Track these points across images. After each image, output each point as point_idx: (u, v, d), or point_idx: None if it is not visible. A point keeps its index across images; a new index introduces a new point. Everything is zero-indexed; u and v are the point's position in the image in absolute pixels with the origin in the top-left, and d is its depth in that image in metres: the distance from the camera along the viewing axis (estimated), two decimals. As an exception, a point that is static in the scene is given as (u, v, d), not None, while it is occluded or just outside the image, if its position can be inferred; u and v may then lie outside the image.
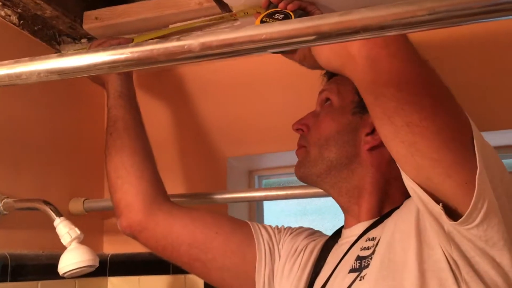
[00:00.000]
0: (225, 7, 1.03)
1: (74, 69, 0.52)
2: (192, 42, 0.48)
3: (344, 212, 0.81)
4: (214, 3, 1.02)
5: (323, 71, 0.86)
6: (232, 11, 1.03)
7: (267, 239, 0.87)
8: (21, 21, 1.03)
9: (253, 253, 0.85)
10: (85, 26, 1.09)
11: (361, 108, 0.76)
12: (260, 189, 1.30)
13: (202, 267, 0.87)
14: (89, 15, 1.09)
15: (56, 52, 1.14)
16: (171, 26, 1.08)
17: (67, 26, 1.09)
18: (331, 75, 0.86)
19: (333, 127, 0.78)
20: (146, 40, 0.51)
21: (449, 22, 0.42)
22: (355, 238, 0.75)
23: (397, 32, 0.44)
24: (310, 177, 0.81)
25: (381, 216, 0.75)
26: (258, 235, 0.87)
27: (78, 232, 0.85)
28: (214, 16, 1.04)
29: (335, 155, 0.77)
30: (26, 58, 0.54)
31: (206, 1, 1.02)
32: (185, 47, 0.49)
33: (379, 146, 0.75)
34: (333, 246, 0.81)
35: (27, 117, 1.04)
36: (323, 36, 0.45)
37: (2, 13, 0.99)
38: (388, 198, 0.77)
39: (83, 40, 1.15)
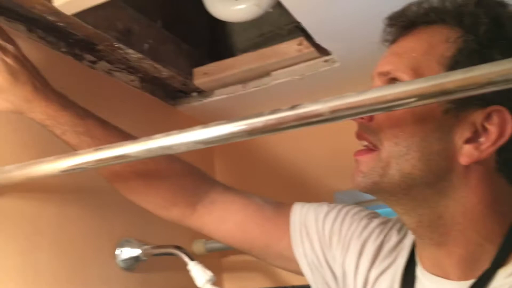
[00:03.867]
0: (323, 52, 1.08)
1: (216, 138, 0.60)
2: (322, 107, 0.54)
3: (424, 247, 0.63)
4: (313, 49, 1.08)
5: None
6: (330, 55, 1.09)
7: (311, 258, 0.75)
8: (142, 84, 1.16)
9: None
10: (195, 82, 1.20)
11: (457, 101, 0.55)
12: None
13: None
14: (198, 71, 1.20)
15: (171, 106, 1.26)
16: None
17: (180, 83, 1.20)
18: (402, 27, 0.62)
19: (416, 130, 0.56)
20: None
21: None
22: None
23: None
24: (379, 193, 0.60)
25: (479, 278, 0.56)
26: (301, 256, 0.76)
27: (211, 274, 0.92)
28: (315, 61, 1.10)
29: (418, 171, 0.56)
30: (176, 131, 0.62)
31: (305, 47, 1.09)
32: (316, 112, 0.54)
33: (485, 159, 0.55)
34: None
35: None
36: (446, 92, 0.49)
37: (127, 79, 1.12)
38: (488, 242, 0.57)
39: (193, 94, 1.26)
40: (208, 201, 0.81)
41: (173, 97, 1.27)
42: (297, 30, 1.15)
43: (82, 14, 0.88)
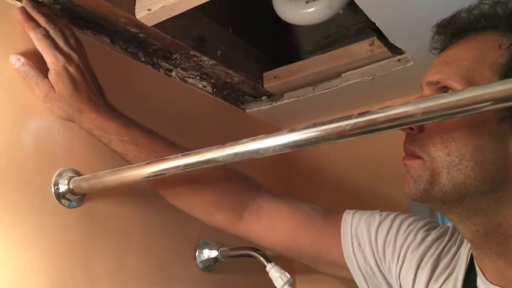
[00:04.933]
0: (396, 51, 1.07)
1: (302, 141, 0.60)
2: (413, 108, 0.53)
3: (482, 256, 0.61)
4: (385, 49, 1.06)
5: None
6: (404, 54, 1.07)
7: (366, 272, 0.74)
8: (214, 89, 1.19)
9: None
10: (265, 85, 1.22)
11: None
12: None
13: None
14: (268, 75, 1.22)
15: (241, 109, 1.29)
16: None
17: (250, 87, 1.22)
18: (452, 35, 0.62)
19: (469, 140, 0.55)
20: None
21: None
22: None
23: None
24: (430, 201, 0.59)
25: None
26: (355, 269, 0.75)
27: (288, 276, 0.93)
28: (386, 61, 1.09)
29: (472, 180, 0.55)
30: (262, 136, 0.63)
31: (377, 47, 1.08)
32: (407, 113, 0.54)
33: None
34: None
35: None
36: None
37: (200, 85, 1.15)
38: None
39: (263, 98, 1.27)
40: (255, 208, 0.81)
41: (243, 101, 1.29)
42: (366, 30, 1.14)
43: (161, 25, 0.92)
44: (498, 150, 0.55)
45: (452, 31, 0.62)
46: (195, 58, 1.06)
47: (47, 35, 0.76)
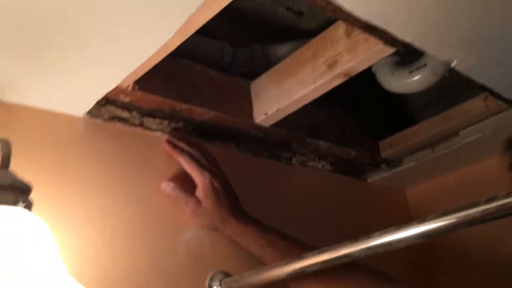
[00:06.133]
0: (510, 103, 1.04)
1: (434, 231, 0.62)
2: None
3: None
4: (500, 102, 1.04)
5: None
6: (519, 104, 1.04)
7: None
8: (333, 167, 1.24)
9: None
10: (382, 154, 1.24)
11: None
12: None
13: None
14: (384, 144, 1.24)
15: (363, 180, 1.32)
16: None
17: (368, 158, 1.25)
18: None
19: None
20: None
21: None
22: None
23: None
24: None
25: None
26: None
27: None
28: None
29: None
30: (392, 228, 0.66)
31: (491, 102, 1.06)
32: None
33: None
34: None
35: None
36: None
37: (320, 166, 1.21)
38: None
39: (382, 165, 1.29)
40: None
41: (363, 171, 1.32)
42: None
43: (276, 123, 1.01)
44: None
45: None
46: (311, 144, 1.12)
47: (192, 157, 0.88)
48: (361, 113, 1.27)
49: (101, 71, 0.71)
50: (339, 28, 0.86)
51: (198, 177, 0.87)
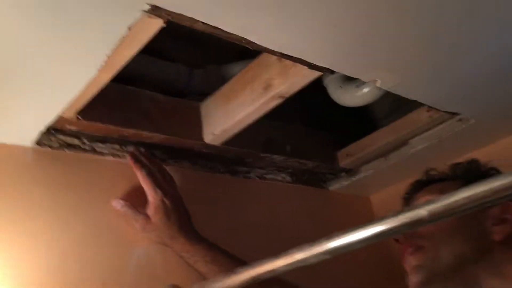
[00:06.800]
0: (455, 113, 1.08)
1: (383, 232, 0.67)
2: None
3: None
4: (441, 113, 1.08)
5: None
6: (460, 114, 1.08)
7: None
8: (293, 178, 1.29)
9: None
10: (341, 164, 1.29)
11: None
12: None
13: None
14: (341, 154, 1.29)
15: (324, 189, 1.36)
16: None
17: (327, 168, 1.30)
18: (422, 185, 0.95)
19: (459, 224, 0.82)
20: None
21: None
22: None
23: None
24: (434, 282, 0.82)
25: None
26: None
27: None
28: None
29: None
30: (338, 232, 0.68)
31: (434, 113, 1.10)
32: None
33: None
34: None
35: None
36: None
37: (279, 178, 1.26)
38: None
39: (342, 174, 1.34)
40: None
41: (325, 180, 1.37)
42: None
43: (229, 141, 1.06)
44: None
45: None
46: (267, 158, 1.18)
47: (150, 173, 0.94)
48: (322, 125, 1.32)
49: (38, 105, 0.77)
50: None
51: (151, 194, 0.92)
